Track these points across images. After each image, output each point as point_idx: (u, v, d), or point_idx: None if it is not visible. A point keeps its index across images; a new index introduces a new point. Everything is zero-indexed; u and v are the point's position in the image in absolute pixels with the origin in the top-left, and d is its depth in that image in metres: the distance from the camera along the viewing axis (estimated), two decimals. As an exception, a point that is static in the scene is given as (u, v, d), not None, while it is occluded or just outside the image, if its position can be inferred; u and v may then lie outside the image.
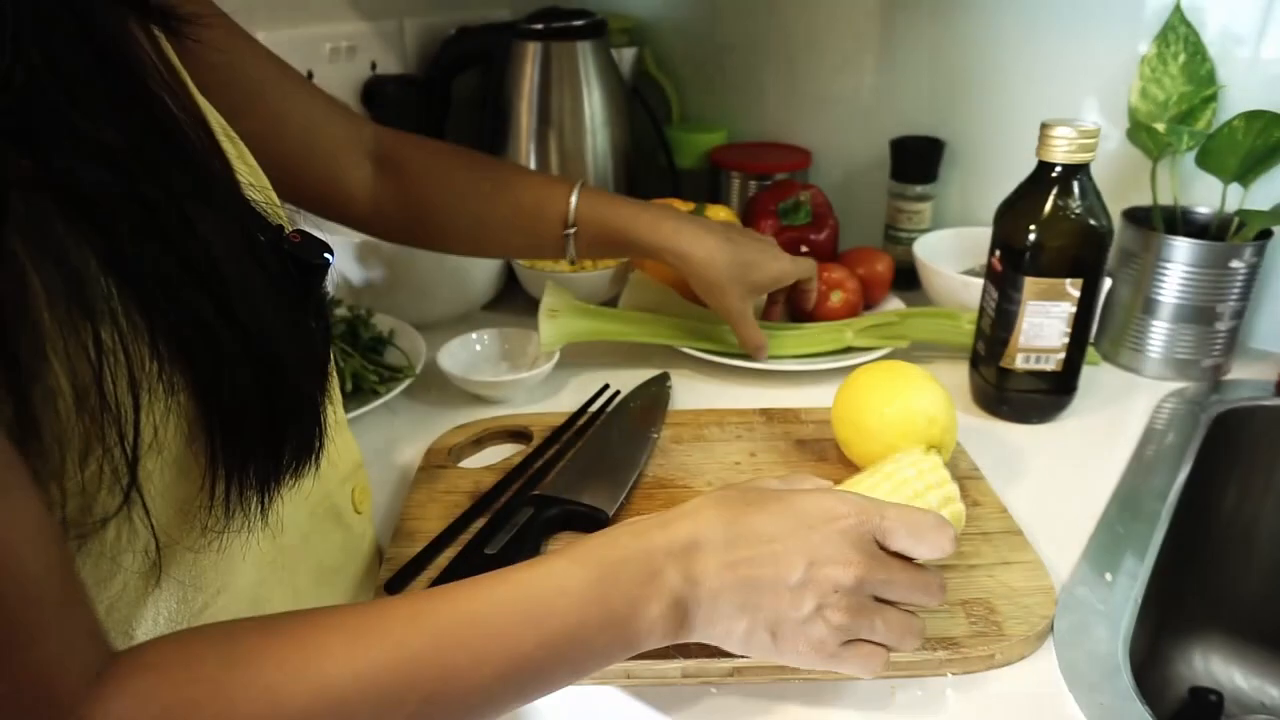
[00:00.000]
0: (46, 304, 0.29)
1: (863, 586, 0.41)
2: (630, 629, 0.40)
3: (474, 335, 0.84)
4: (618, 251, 0.77)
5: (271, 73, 0.63)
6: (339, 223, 0.73)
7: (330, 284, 0.89)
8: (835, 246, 0.94)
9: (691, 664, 0.49)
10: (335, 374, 0.55)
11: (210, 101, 0.45)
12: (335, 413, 0.53)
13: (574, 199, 0.71)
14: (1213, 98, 0.82)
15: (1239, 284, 0.78)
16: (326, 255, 0.44)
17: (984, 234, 0.75)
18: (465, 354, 0.82)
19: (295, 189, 0.65)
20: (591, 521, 0.60)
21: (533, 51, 1.01)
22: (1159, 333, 0.82)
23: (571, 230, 0.72)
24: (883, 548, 0.43)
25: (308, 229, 0.43)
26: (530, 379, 0.78)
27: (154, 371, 0.33)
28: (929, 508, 0.53)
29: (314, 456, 0.42)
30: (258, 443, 0.38)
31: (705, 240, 0.73)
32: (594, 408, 0.76)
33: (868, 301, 0.91)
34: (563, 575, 0.39)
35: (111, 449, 0.32)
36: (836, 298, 0.87)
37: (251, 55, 0.61)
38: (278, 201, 0.51)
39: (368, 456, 0.57)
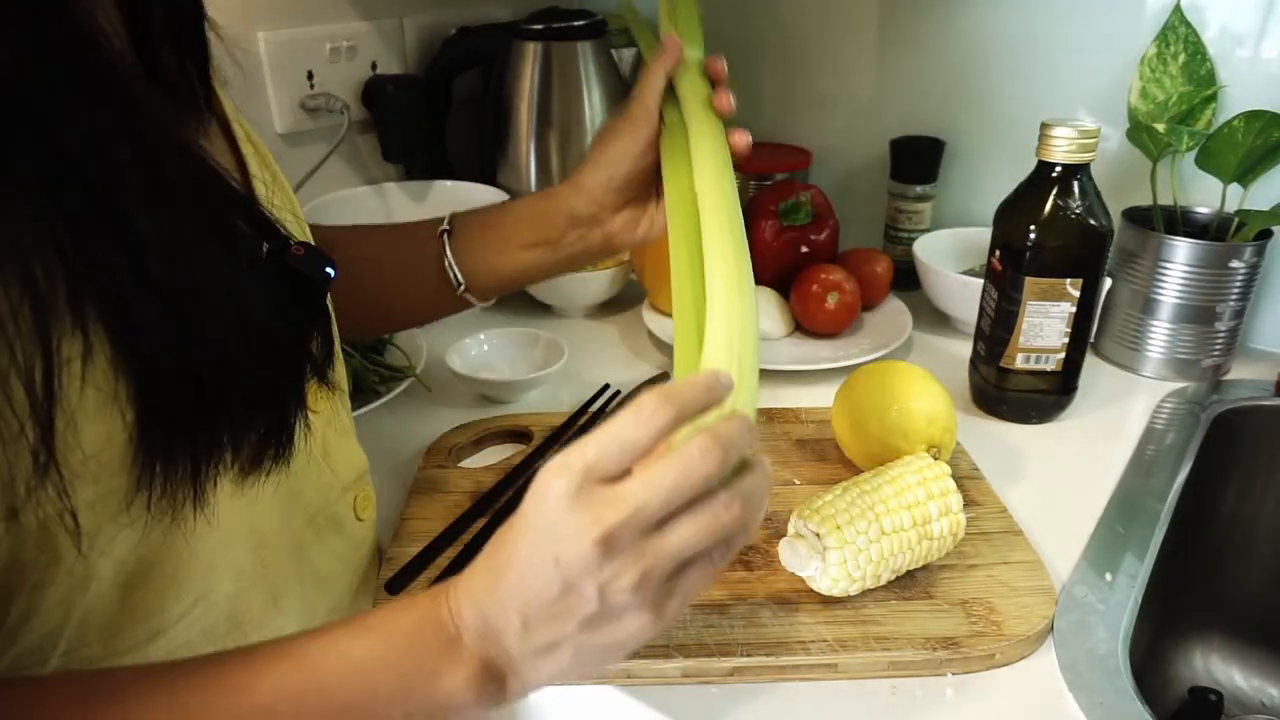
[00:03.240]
0: None
1: (651, 575, 0.36)
2: (433, 700, 0.37)
3: (482, 336, 0.84)
4: (508, 228, 0.66)
5: None
6: None
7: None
8: (835, 246, 0.94)
9: (691, 664, 0.49)
10: (345, 384, 0.54)
11: None
12: (341, 421, 0.53)
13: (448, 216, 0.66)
14: (1213, 98, 0.82)
15: (1239, 284, 0.78)
16: (329, 270, 0.44)
17: (984, 234, 0.75)
18: (475, 353, 0.83)
19: None
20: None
21: (533, 51, 1.01)
22: (1159, 333, 0.82)
23: (446, 229, 0.65)
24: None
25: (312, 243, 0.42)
26: (540, 379, 0.78)
27: (72, 341, 0.32)
28: (926, 518, 0.53)
29: (277, 456, 0.41)
30: (188, 434, 0.36)
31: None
32: (594, 408, 0.76)
33: (867, 302, 0.91)
34: (347, 647, 0.37)
35: (25, 426, 0.31)
36: (833, 299, 0.87)
37: None
38: (300, 214, 0.51)
39: (367, 456, 0.57)
